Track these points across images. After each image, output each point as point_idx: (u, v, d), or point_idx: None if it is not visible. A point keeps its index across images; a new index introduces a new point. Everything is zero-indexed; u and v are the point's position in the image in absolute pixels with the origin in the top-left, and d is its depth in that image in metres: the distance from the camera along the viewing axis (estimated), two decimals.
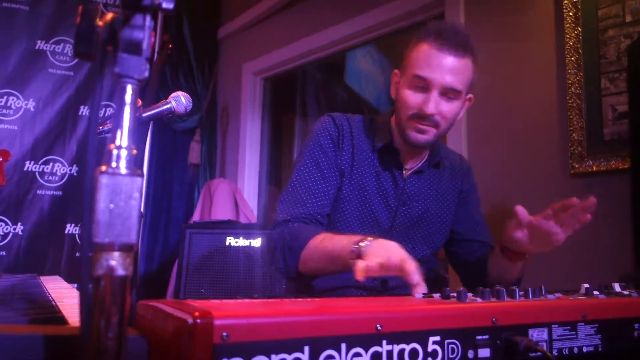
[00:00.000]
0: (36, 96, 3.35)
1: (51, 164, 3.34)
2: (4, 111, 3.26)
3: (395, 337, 0.64)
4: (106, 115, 3.49)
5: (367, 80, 4.11)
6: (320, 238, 1.25)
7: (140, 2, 0.51)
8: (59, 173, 3.35)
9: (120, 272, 0.49)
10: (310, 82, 4.17)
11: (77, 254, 3.32)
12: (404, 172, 1.48)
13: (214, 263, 2.66)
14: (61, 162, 3.36)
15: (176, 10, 3.60)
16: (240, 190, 3.53)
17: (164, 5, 0.54)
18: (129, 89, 0.52)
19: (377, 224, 1.45)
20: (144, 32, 0.52)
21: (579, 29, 2.08)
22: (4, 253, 3.14)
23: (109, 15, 0.52)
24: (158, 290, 3.30)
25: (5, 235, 3.16)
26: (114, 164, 0.50)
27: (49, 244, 3.27)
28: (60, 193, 3.34)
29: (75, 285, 2.67)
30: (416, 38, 1.37)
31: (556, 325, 0.77)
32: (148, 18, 0.52)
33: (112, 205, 0.49)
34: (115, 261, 0.49)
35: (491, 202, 2.28)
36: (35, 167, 3.29)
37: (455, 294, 0.79)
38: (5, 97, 3.28)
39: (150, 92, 3.41)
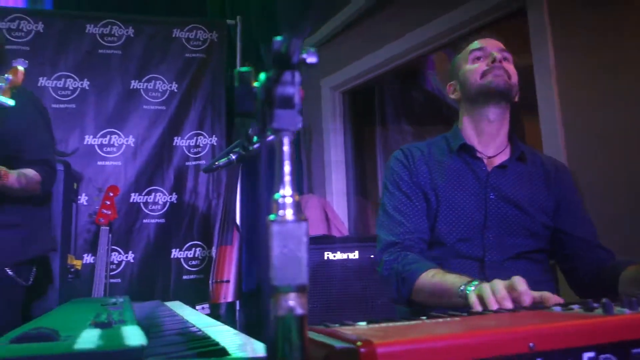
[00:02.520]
0: (135, 132, 3.60)
1: (153, 194, 3.57)
2: (109, 149, 3.55)
3: (549, 356, 0.64)
4: (197, 143, 3.70)
5: None
6: (432, 273, 1.34)
7: (290, 60, 0.56)
8: (160, 202, 3.58)
9: (299, 311, 0.53)
10: (387, 91, 4.18)
11: (184, 277, 3.51)
12: (485, 162, 1.57)
13: (314, 278, 2.72)
14: (162, 192, 3.59)
15: (254, 37, 3.75)
16: (329, 204, 3.59)
17: (308, 60, 0.58)
18: (286, 141, 0.56)
19: (473, 221, 1.50)
20: (294, 87, 0.57)
21: None
22: (119, 280, 3.40)
23: (262, 76, 0.57)
24: (259, 307, 3.41)
25: (119, 263, 3.42)
26: (281, 212, 0.55)
27: (157, 269, 3.49)
28: (163, 221, 3.56)
29: (201, 307, 2.83)
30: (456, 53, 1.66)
31: None
32: (297, 74, 0.57)
33: (286, 251, 0.53)
34: (294, 301, 0.53)
35: (602, 213, 2.15)
36: (140, 198, 3.54)
37: (598, 305, 0.77)
38: (108, 136, 3.56)
39: (239, 123, 3.57)
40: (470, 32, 2.98)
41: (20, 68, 1.68)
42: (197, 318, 1.27)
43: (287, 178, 0.56)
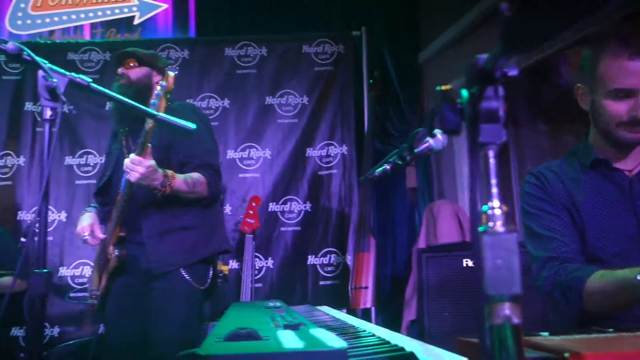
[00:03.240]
0: (270, 145, 3.83)
1: (289, 203, 3.76)
2: (248, 162, 3.81)
3: None
4: (329, 153, 3.83)
5: None
6: (599, 274, 1.30)
7: (493, 75, 0.58)
8: (296, 210, 3.76)
9: (515, 320, 0.54)
10: (518, 90, 4.00)
11: (321, 283, 3.65)
12: (626, 174, 1.47)
13: (454, 285, 2.67)
14: (297, 201, 3.77)
15: (378, 46, 3.81)
16: (462, 209, 3.51)
17: (510, 73, 0.59)
18: (491, 154, 0.58)
19: (625, 235, 1.42)
20: (498, 101, 0.58)
21: None
22: (260, 285, 3.61)
23: (464, 93, 0.60)
24: (394, 313, 3.43)
25: (260, 269, 3.64)
26: (491, 224, 0.56)
27: (295, 275, 3.67)
28: (299, 228, 3.74)
29: (344, 310, 2.93)
30: (596, 49, 1.43)
31: None
32: (500, 88, 0.58)
33: (499, 261, 0.55)
34: (509, 310, 0.54)
35: None
36: (277, 207, 3.75)
37: None
38: (247, 149, 3.82)
39: (369, 131, 3.64)
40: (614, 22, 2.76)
41: (171, 74, 1.88)
42: (361, 323, 1.32)
43: (494, 190, 0.57)
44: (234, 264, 3.64)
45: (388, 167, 1.40)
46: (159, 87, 1.84)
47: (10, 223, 3.62)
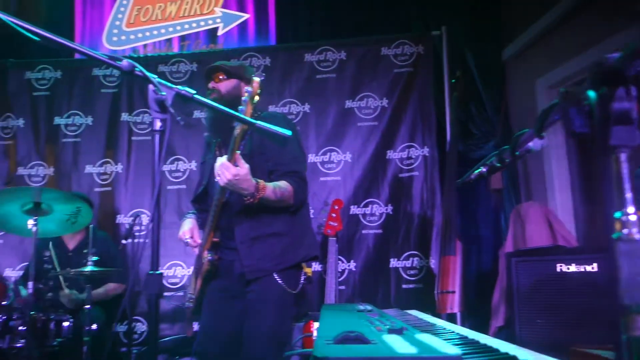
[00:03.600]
0: (351, 148, 3.85)
1: (370, 206, 3.76)
2: (329, 165, 3.85)
3: None
4: (409, 155, 3.78)
5: None
6: None
7: (623, 76, 0.55)
8: (377, 213, 3.75)
9: None
10: None
11: (403, 286, 3.62)
12: None
13: (547, 291, 2.56)
14: (378, 204, 3.76)
15: (459, 45, 3.71)
16: (552, 211, 3.35)
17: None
18: (624, 157, 0.56)
19: None
20: (631, 102, 0.56)
21: None
22: (343, 287, 3.64)
23: (593, 94, 0.57)
24: (481, 319, 3.33)
25: (343, 271, 3.66)
26: (625, 230, 0.54)
27: (378, 278, 3.66)
28: (380, 231, 3.73)
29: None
30: None
31: None
32: (633, 89, 0.56)
33: (636, 270, 0.52)
34: None
35: None
36: (359, 210, 3.77)
37: None
38: (328, 153, 3.86)
39: (453, 132, 3.57)
40: None
41: (256, 79, 1.92)
42: (459, 329, 1.30)
43: (628, 195, 0.55)
44: (316, 266, 3.69)
45: (485, 169, 1.36)
46: (245, 94, 1.89)
47: (110, 227, 3.89)
